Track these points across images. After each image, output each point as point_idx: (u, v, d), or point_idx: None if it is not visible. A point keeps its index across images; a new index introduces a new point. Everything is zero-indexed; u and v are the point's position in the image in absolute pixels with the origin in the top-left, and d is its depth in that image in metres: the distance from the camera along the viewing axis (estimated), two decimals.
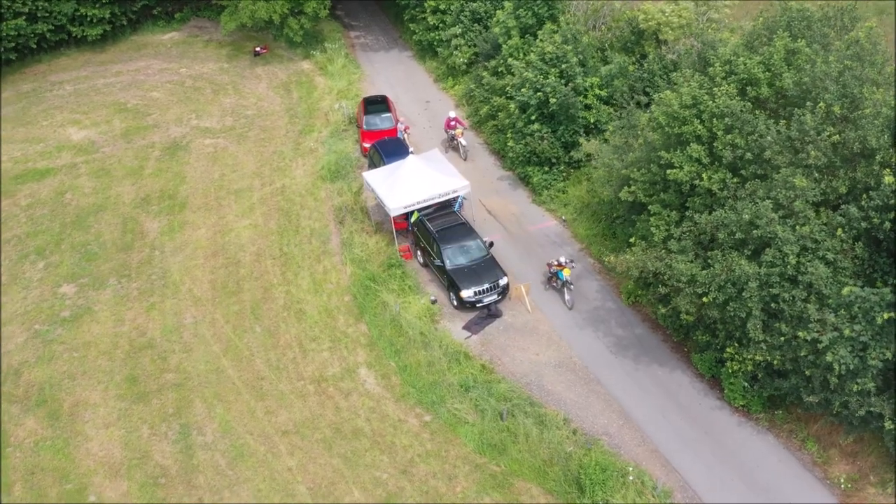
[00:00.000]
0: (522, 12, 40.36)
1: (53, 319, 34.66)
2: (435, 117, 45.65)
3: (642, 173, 28.39)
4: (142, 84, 51.28)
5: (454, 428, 28.86)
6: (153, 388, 31.41)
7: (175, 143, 45.31)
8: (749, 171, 25.67)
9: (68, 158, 44.68)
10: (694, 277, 25.80)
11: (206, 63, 53.02)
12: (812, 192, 24.35)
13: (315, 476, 27.87)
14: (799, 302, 23.94)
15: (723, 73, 26.93)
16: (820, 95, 24.93)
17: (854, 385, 23.24)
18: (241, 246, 37.60)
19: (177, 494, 27.74)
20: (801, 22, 27.80)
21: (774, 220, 24.09)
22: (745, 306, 24.86)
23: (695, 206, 26.91)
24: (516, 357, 31.10)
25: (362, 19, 58.36)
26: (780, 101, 26.29)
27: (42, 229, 39.69)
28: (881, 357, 22.59)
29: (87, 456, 29.25)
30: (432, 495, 26.92)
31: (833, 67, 25.10)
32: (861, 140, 24.04)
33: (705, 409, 28.47)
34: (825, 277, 23.57)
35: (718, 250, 25.56)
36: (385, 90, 48.49)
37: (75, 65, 54.18)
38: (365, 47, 54.60)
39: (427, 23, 48.65)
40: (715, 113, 25.88)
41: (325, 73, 50.35)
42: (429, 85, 49.20)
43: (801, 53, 26.22)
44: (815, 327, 23.51)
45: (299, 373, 31.43)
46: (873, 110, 24.13)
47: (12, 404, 31.32)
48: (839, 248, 24.01)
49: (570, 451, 27.06)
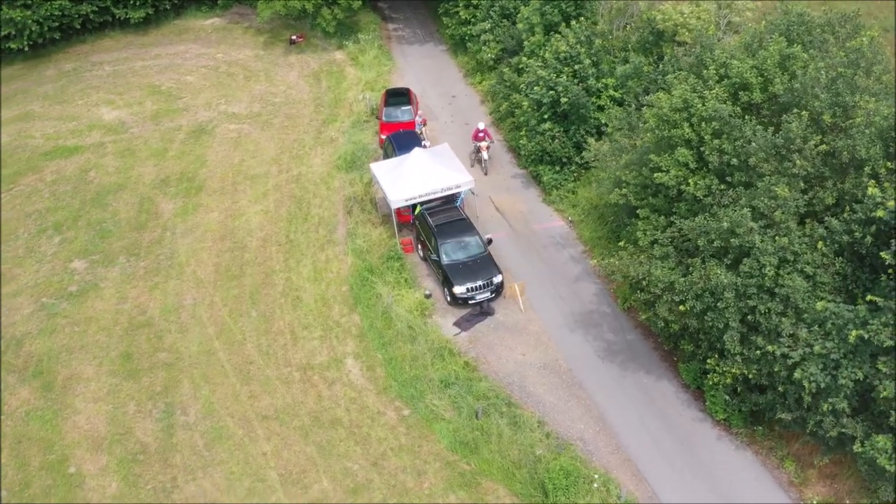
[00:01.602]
0: (548, 9, 39.87)
1: (61, 293, 35.38)
2: (458, 112, 45.49)
3: (633, 176, 27.85)
4: (178, 68, 52.07)
5: (430, 424, 28.69)
6: (145, 365, 31.85)
7: (201, 126, 45.90)
8: (735, 178, 24.95)
9: (97, 137, 45.57)
10: (672, 284, 25.21)
11: (243, 49, 53.59)
12: (795, 202, 23.56)
13: (288, 462, 27.96)
14: (774, 315, 23.21)
15: (716, 77, 26.22)
16: (810, 103, 24.09)
17: (826, 404, 22.44)
18: (249, 231, 37.91)
19: (152, 472, 28.09)
20: (801, 27, 26.91)
21: (753, 230, 23.37)
22: (722, 317, 24.22)
23: (681, 211, 26.30)
24: (502, 356, 30.79)
25: (403, 12, 58.36)
26: (774, 107, 25.48)
27: (63, 205, 40.55)
28: (852, 377, 21.76)
29: (74, 428, 29.77)
30: (399, 490, 26.80)
31: (824, 74, 24.24)
32: (851, 150, 23.18)
33: (686, 420, 27.81)
34: (802, 291, 22.81)
35: (698, 258, 24.91)
36: (413, 83, 48.43)
37: (117, 46, 55.26)
38: (401, 40, 54.60)
39: (459, 17, 48.44)
40: (704, 116, 25.21)
41: (356, 63, 50.50)
42: (458, 80, 49.00)
43: (796, 59, 25.36)
44: (786, 342, 22.79)
45: (287, 359, 31.56)
46: (865, 119, 23.24)
47: (10, 374, 32.03)
48: (819, 261, 23.19)
49: (540, 454, 26.69)
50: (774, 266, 23.24)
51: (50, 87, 50.93)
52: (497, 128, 43.34)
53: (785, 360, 22.77)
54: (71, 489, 27.85)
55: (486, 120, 44.13)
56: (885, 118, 22.90)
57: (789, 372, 22.79)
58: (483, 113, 45.05)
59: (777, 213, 23.27)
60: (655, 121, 26.47)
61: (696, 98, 25.65)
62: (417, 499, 26.50)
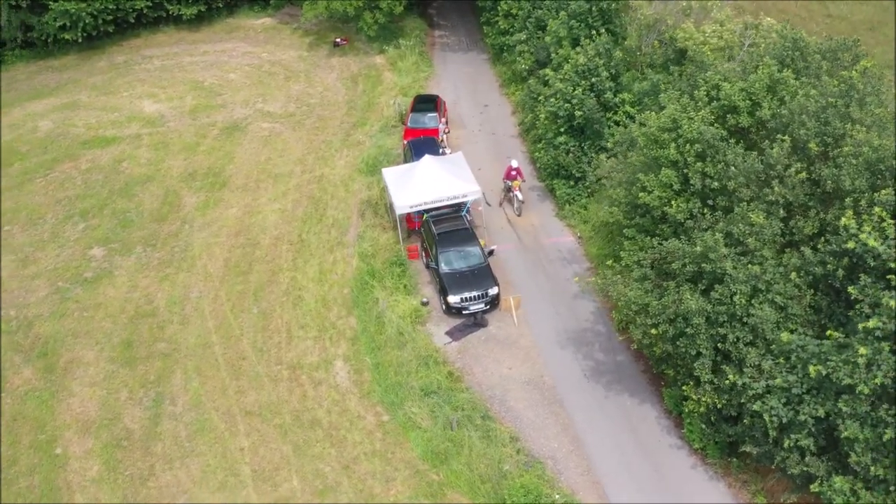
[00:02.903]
0: (575, 23, 39.53)
1: (76, 279, 36.39)
2: (487, 122, 45.44)
3: (624, 194, 27.41)
4: (223, 65, 53.11)
5: (406, 431, 28.66)
6: (143, 354, 32.54)
7: (235, 124, 46.72)
8: (717, 201, 24.35)
9: (135, 129, 46.76)
10: (646, 307, 24.72)
11: (288, 50, 54.38)
12: (771, 230, 22.89)
13: (263, 459, 28.24)
14: (743, 345, 22.58)
15: (707, 98, 25.64)
16: (796, 130, 23.38)
17: (788, 440, 21.75)
18: (264, 228, 38.43)
19: (133, 458, 28.68)
20: (795, 52, 26.11)
21: (725, 256, 22.78)
22: (694, 343, 23.68)
23: (664, 233, 25.77)
24: (489, 368, 30.59)
25: (452, 19, 58.49)
26: (763, 132, 24.80)
27: (92, 193, 41.71)
28: (813, 414, 21.04)
29: (67, 410, 30.58)
30: (366, 495, 26.85)
31: (813, 102, 23.48)
32: (835, 180, 22.43)
33: (663, 446, 27.23)
34: (771, 322, 22.14)
35: (673, 281, 24.39)
36: (448, 90, 48.55)
37: (169, 41, 56.65)
38: (444, 47, 54.72)
39: (498, 27, 48.36)
40: (689, 138, 24.68)
41: (394, 68, 50.81)
42: (493, 89, 48.89)
43: (786, 84, 24.63)
44: (749, 373, 22.14)
45: (279, 357, 31.89)
46: (853, 149, 22.45)
47: (17, 353, 33.08)
48: (791, 293, 22.47)
49: (507, 469, 26.44)
50: (746, 294, 22.61)
51: (99, 79, 52.47)
52: (522, 139, 43.09)
53: (746, 391, 22.10)
54: (54, 469, 28.59)
55: (514, 131, 43.93)
56: (874, 150, 22.08)
57: (753, 404, 22.11)
58: (512, 123, 44.89)
59: (750, 239, 22.63)
60: (644, 140, 26.01)
61: (685, 119, 25.12)
62: None
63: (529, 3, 44.88)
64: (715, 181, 24.07)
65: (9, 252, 38.35)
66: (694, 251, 23.35)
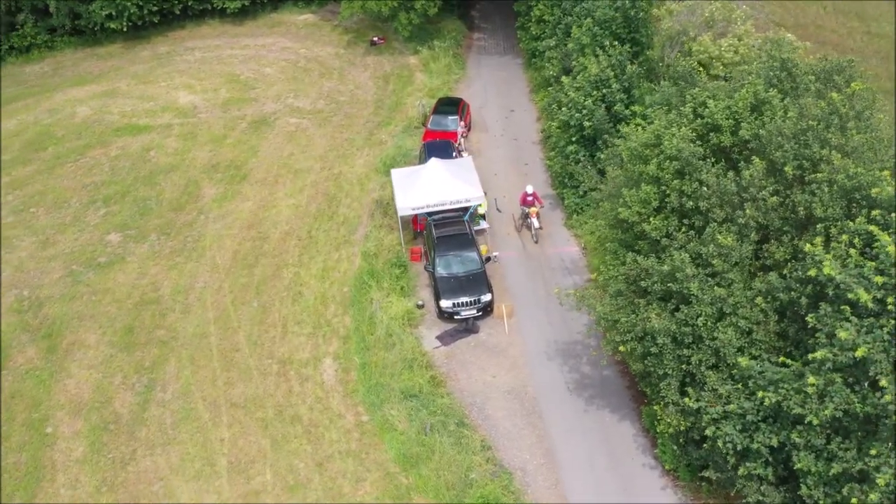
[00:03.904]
0: (600, 31, 39.13)
1: (90, 263, 37.32)
2: (511, 127, 45.31)
3: (609, 208, 27.11)
4: (261, 59, 53.88)
5: (383, 433, 28.75)
6: (142, 340, 33.22)
7: (264, 118, 47.35)
8: (693, 221, 23.93)
9: (167, 119, 47.72)
10: (615, 323, 24.42)
11: (326, 47, 54.91)
12: (739, 252, 22.41)
13: (240, 451, 28.63)
14: (705, 368, 22.18)
15: (692, 115, 25.18)
16: (773, 152, 22.82)
17: (743, 468, 21.31)
18: (276, 223, 38.90)
19: (117, 442, 29.33)
20: (782, 72, 25.44)
21: (692, 277, 22.37)
22: (661, 363, 23.32)
23: (642, 249, 25.39)
24: (473, 375, 30.53)
25: (493, 22, 58.39)
26: (745, 152, 24.24)
27: (117, 180, 42.72)
28: (766, 442, 20.57)
29: (63, 391, 31.39)
30: (334, 493, 27.04)
31: (789, 124, 22.87)
32: (807, 206, 21.87)
33: (636, 465, 26.86)
34: (734, 346, 21.69)
35: (644, 299, 24.05)
36: (478, 93, 48.54)
37: (213, 34, 57.69)
38: (481, 50, 54.68)
39: (530, 32, 48.13)
40: (669, 155, 24.28)
41: (426, 70, 50.94)
42: (523, 95, 48.70)
43: (771, 105, 24.03)
44: (707, 396, 21.72)
45: (271, 352, 32.26)
46: (827, 176, 21.84)
47: (24, 333, 34.05)
48: (758, 317, 21.97)
49: (473, 478, 26.36)
50: (712, 316, 22.19)
51: (141, 68, 53.67)
52: (542, 146, 42.84)
53: (703, 415, 21.71)
54: (42, 447, 29.40)
55: (536, 137, 43.73)
56: (849, 177, 21.44)
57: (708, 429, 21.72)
58: (536, 130, 44.66)
59: (716, 261, 22.19)
60: (627, 154, 25.68)
61: (667, 135, 24.72)
62: None
63: (560, 10, 44.54)
64: (690, 200, 23.63)
65: (31, 233, 39.49)
66: (662, 270, 22.97)
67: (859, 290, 18.92)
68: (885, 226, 20.28)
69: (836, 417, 19.42)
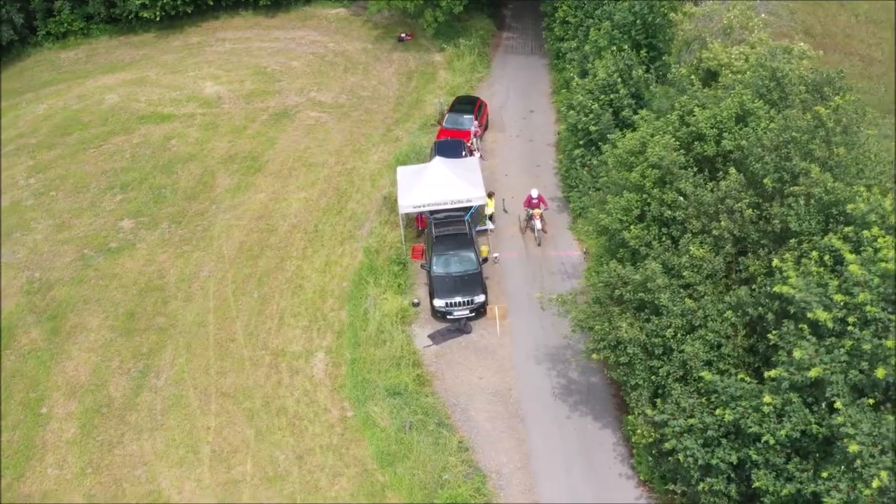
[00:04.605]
0: (617, 34, 38.79)
1: (101, 248, 38.03)
2: (528, 128, 45.14)
3: (596, 214, 26.91)
4: (289, 52, 54.28)
5: (365, 429, 28.89)
6: (142, 326, 33.80)
7: (285, 110, 47.74)
8: (671, 231, 23.65)
9: (191, 109, 48.35)
10: (590, 329, 24.26)
11: (354, 42, 55.12)
12: (710, 265, 22.10)
13: (224, 440, 29.03)
14: (672, 380, 21.94)
15: (678, 123, 24.85)
16: (753, 164, 22.45)
17: (704, 484, 21.05)
18: (285, 216, 39.23)
19: (107, 425, 29.94)
20: (771, 82, 24.96)
21: (664, 287, 22.12)
22: (633, 373, 23.13)
23: (624, 257, 25.16)
24: (459, 376, 30.55)
25: (524, 21, 58.07)
26: (728, 163, 23.86)
27: (136, 167, 43.42)
28: (725, 458, 20.29)
29: (61, 373, 32.08)
30: (310, 487, 27.28)
31: (769, 136, 22.45)
32: (783, 220, 21.49)
33: (612, 475, 26.67)
34: (701, 359, 21.42)
35: (619, 307, 23.84)
36: (499, 93, 48.44)
37: (245, 25, 58.24)
38: (508, 49, 54.47)
39: (554, 33, 47.86)
40: (651, 163, 24.02)
41: (450, 67, 50.89)
42: (544, 95, 48.45)
43: (756, 115, 23.62)
44: (670, 409, 21.49)
45: (266, 343, 32.60)
46: (805, 189, 21.43)
47: (31, 314, 34.85)
48: (727, 331, 21.66)
49: (446, 478, 26.39)
50: (682, 328, 21.94)
51: (171, 57, 54.43)
52: (557, 148, 42.60)
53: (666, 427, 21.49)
54: (35, 427, 30.11)
55: (552, 139, 43.51)
56: (827, 192, 21.02)
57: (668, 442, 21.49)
58: (552, 132, 44.38)
59: (686, 272, 21.91)
60: (613, 161, 25.45)
61: (652, 142, 24.44)
62: (324, 499, 26.88)
63: (582, 12, 44.22)
64: (669, 209, 23.36)
65: (48, 217, 40.36)
66: (635, 279, 22.76)
67: (817, 310, 18.54)
68: (858, 243, 19.83)
69: (794, 438, 19.05)
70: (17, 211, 40.96)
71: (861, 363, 18.15)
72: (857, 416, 17.90)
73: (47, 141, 46.32)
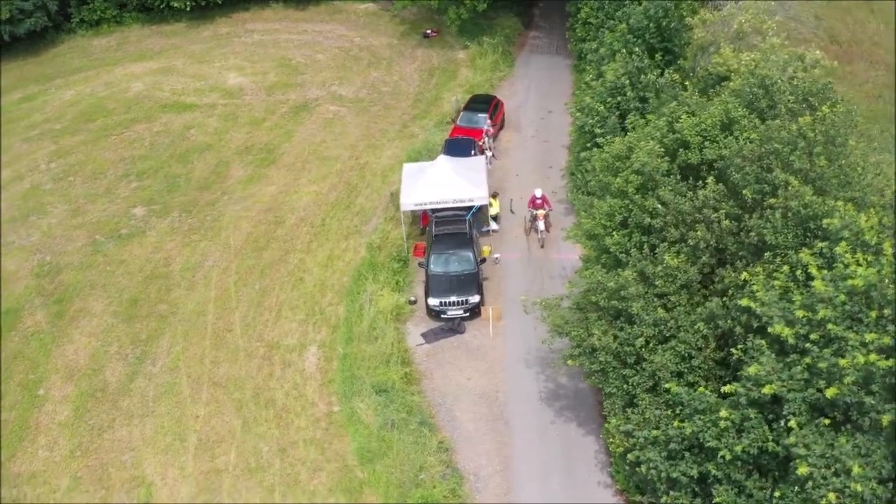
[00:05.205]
0: (632, 38, 38.39)
1: (112, 234, 38.63)
2: (544, 129, 44.87)
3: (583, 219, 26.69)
4: (315, 45, 54.57)
5: (349, 425, 28.99)
6: (144, 313, 34.26)
7: (305, 104, 48.02)
8: (651, 238, 23.35)
9: (213, 99, 48.87)
10: (567, 335, 24.09)
11: (380, 37, 55.21)
12: (684, 275, 21.79)
13: (211, 430, 29.33)
14: (642, 391, 21.70)
15: (666, 129, 24.51)
16: (733, 174, 22.08)
17: (666, 497, 20.81)
18: (293, 208, 39.48)
19: (99, 409, 30.43)
20: (760, 89, 24.48)
21: (638, 296, 21.87)
22: (606, 381, 22.93)
23: (607, 263, 24.91)
24: (448, 375, 30.52)
25: (552, 20, 57.55)
26: (713, 172, 23.48)
27: (154, 155, 44.02)
28: (686, 472, 20.02)
29: (61, 356, 32.66)
30: (290, 480, 27.47)
31: (753, 147, 22.05)
32: (759, 232, 21.13)
33: (591, 482, 26.45)
34: (669, 370, 21.17)
35: (595, 314, 23.63)
36: (519, 93, 48.23)
37: (275, 17, 58.65)
38: (534, 48, 54.13)
39: (576, 34, 47.48)
40: (634, 169, 23.74)
41: (472, 65, 50.74)
42: (564, 97, 47.92)
43: (738, 124, 23.20)
44: (635, 419, 21.26)
45: (261, 335, 32.86)
46: (781, 202, 21.04)
47: (39, 296, 35.50)
48: (698, 343, 21.35)
49: (422, 478, 26.37)
50: (654, 338, 21.69)
51: (199, 47, 55.03)
52: (569, 151, 42.28)
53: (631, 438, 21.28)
54: (31, 408, 30.69)
55: (567, 140, 43.21)
56: (804, 205, 20.61)
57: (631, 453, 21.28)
58: (568, 133, 44.02)
59: (659, 282, 21.63)
60: (600, 165, 25.21)
61: (638, 147, 24.17)
62: (302, 493, 27.02)
63: (603, 13, 43.83)
64: (649, 217, 23.08)
65: (65, 201, 41.11)
66: (609, 287, 22.53)
67: (777, 325, 18.21)
68: (831, 258, 19.42)
69: (753, 454, 18.74)
70: (36, 195, 41.75)
71: (819, 381, 17.78)
72: (811, 436, 17.54)
73: (71, 127, 47.11)
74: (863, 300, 18.16)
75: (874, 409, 17.34)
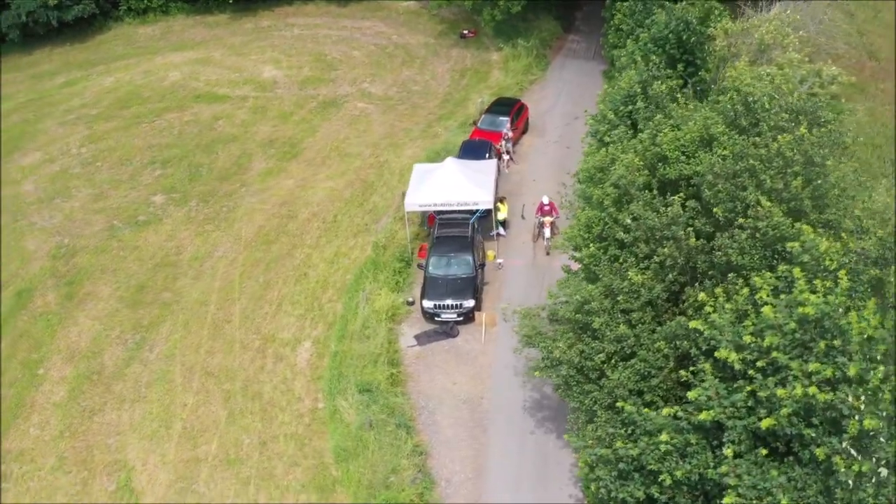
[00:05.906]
0: (653, 46, 37.72)
1: (130, 220, 39.39)
2: (568, 134, 44.28)
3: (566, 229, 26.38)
4: (353, 41, 54.86)
5: (330, 423, 29.09)
6: (148, 299, 34.86)
7: (335, 99, 48.33)
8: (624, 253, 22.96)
9: (246, 91, 49.49)
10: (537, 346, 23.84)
11: (417, 35, 55.25)
12: (646, 291, 21.35)
13: (197, 419, 29.70)
14: (599, 408, 21.36)
15: (648, 142, 24.04)
16: (705, 191, 21.57)
17: None
18: (307, 203, 39.75)
19: (93, 392, 31.06)
20: (741, 106, 23.82)
21: (603, 311, 21.52)
22: (570, 395, 22.65)
23: (587, 276, 24.55)
24: (434, 379, 30.40)
25: (592, 24, 56.59)
26: (691, 188, 22.96)
27: (181, 144, 44.77)
28: (632, 494, 19.66)
29: (65, 338, 33.42)
30: (265, 474, 27.67)
31: (728, 164, 21.48)
32: (725, 252, 20.62)
33: (562, 495, 26.15)
34: (627, 388, 20.80)
35: (563, 326, 23.33)
36: (549, 97, 47.83)
37: (316, 12, 59.11)
38: (570, 52, 53.59)
39: (608, 40, 46.91)
40: (611, 181, 23.36)
41: (504, 68, 50.47)
42: (594, 102, 47.34)
43: (719, 141, 22.63)
44: (589, 436, 20.93)
45: (259, 327, 33.16)
46: (751, 221, 20.48)
47: (52, 277, 36.39)
48: (661, 363, 20.92)
49: (392, 481, 26.32)
50: (616, 354, 21.33)
51: (239, 39, 55.76)
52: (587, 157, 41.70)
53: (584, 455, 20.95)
54: (29, 387, 31.48)
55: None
56: (772, 227, 20.05)
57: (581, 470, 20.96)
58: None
59: (620, 297, 21.24)
60: (583, 176, 24.86)
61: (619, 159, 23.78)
62: (276, 487, 27.20)
63: (633, 20, 43.22)
64: (622, 231, 22.69)
65: (90, 186, 42.08)
66: (575, 299, 22.22)
67: (723, 349, 17.73)
68: (791, 283, 18.84)
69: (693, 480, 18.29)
70: (63, 178, 42.80)
71: (760, 410, 17.27)
72: (745, 466, 17.06)
73: (106, 112, 48.15)
74: (814, 329, 17.57)
75: (814, 442, 16.78)
